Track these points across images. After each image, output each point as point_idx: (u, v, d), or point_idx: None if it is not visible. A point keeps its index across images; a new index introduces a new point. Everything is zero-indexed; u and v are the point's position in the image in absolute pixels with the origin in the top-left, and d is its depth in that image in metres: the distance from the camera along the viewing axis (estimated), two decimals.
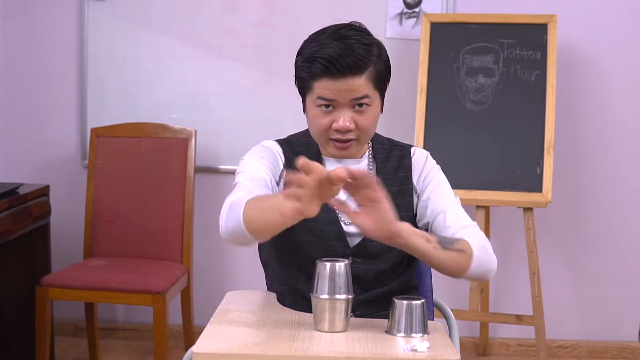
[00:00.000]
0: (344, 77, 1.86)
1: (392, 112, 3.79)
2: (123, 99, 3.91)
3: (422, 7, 3.78)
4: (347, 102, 1.89)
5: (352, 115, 1.91)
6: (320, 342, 1.67)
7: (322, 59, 1.86)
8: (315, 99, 1.90)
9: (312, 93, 1.91)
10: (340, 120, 1.90)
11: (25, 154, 3.98)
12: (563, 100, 3.74)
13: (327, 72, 1.86)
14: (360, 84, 1.88)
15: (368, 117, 1.92)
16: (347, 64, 1.85)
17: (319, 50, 1.87)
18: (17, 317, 3.54)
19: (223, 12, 3.86)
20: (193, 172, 3.65)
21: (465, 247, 1.84)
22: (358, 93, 1.89)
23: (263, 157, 1.99)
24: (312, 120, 1.94)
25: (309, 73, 1.89)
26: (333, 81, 1.87)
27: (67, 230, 3.90)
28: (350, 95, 1.88)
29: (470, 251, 1.84)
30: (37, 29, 3.93)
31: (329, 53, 1.85)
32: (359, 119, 1.91)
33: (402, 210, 2.00)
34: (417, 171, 2.04)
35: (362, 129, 1.92)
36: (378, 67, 1.90)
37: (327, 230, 1.95)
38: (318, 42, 1.89)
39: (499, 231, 3.88)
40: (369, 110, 1.92)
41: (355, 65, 1.86)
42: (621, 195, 3.87)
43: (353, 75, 1.87)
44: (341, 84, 1.87)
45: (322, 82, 1.88)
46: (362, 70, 1.87)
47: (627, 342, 3.94)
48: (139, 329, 4.01)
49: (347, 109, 1.90)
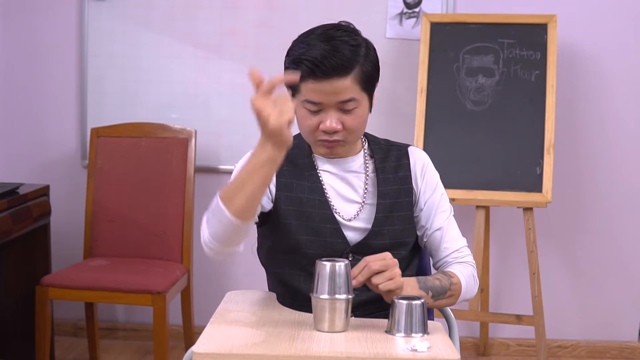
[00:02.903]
0: (328, 78, 1.86)
1: (392, 112, 3.80)
2: (123, 99, 3.91)
3: (422, 7, 3.78)
4: (333, 104, 1.89)
5: (339, 116, 1.91)
6: (320, 342, 1.67)
7: (307, 60, 1.86)
8: (303, 102, 1.91)
9: (300, 95, 1.91)
10: (327, 122, 1.90)
11: (25, 154, 3.98)
12: (563, 100, 3.74)
13: (312, 74, 1.86)
14: (346, 86, 1.88)
15: (355, 118, 1.92)
16: (331, 66, 1.85)
17: (305, 52, 1.87)
18: (17, 317, 3.54)
19: (223, 12, 3.86)
20: (193, 172, 3.65)
21: (455, 289, 1.94)
22: (344, 96, 1.89)
23: None
24: (300, 121, 1.95)
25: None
26: (318, 83, 1.87)
27: (67, 230, 3.90)
28: (335, 97, 1.88)
29: (458, 292, 1.95)
30: (37, 29, 3.93)
31: (314, 55, 1.86)
32: (346, 120, 1.91)
33: (402, 210, 2.01)
34: (416, 173, 2.05)
35: (349, 130, 1.93)
36: (365, 68, 1.90)
37: (324, 227, 1.96)
38: (305, 44, 1.89)
39: (499, 231, 3.88)
40: (356, 111, 1.92)
41: (339, 67, 1.86)
42: (621, 195, 3.87)
43: (338, 77, 1.87)
44: (326, 85, 1.87)
45: (308, 85, 1.88)
46: (348, 71, 1.87)
47: (627, 342, 3.94)
48: (139, 329, 4.01)
49: (334, 111, 1.90)
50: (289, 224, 1.96)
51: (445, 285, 1.93)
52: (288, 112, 1.68)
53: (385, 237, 1.97)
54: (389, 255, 1.80)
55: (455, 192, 3.48)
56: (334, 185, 2.00)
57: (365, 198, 2.00)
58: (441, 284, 1.92)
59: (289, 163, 2.00)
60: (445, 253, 2.03)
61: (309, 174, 2.00)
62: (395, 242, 1.98)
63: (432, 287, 1.90)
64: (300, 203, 1.97)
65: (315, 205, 1.97)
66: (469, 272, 2.01)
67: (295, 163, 2.01)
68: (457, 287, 1.95)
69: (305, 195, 1.97)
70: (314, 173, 2.00)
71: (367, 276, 1.77)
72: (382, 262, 1.78)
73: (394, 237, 1.98)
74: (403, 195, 2.02)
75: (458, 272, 1.98)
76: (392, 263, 1.79)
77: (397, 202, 2.01)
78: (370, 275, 1.77)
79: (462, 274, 1.98)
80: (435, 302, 1.92)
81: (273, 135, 1.69)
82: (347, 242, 1.97)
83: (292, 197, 1.97)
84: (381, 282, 1.77)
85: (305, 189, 1.98)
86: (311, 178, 1.99)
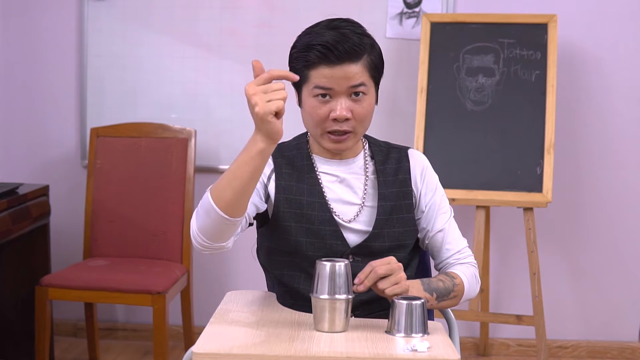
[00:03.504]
0: (340, 63, 1.88)
1: (392, 112, 3.80)
2: (123, 99, 3.91)
3: (422, 7, 3.78)
4: (344, 89, 1.90)
5: (349, 104, 1.91)
6: (320, 342, 1.67)
7: (318, 45, 1.87)
8: (312, 89, 1.91)
9: (309, 83, 1.91)
10: (338, 109, 1.90)
11: (25, 153, 3.98)
12: (563, 100, 3.74)
13: (324, 58, 1.87)
14: (356, 71, 1.89)
15: (365, 106, 1.93)
16: (344, 50, 1.87)
17: (314, 39, 1.89)
18: (17, 318, 3.54)
19: (223, 12, 3.86)
20: (193, 172, 3.65)
21: (458, 290, 1.97)
22: (355, 80, 1.90)
23: None
24: (309, 111, 1.94)
25: (305, 62, 1.90)
26: (330, 68, 1.88)
27: (67, 230, 3.90)
28: (347, 82, 1.89)
29: (461, 293, 1.98)
30: (37, 29, 3.92)
31: (325, 40, 1.87)
32: (355, 108, 1.92)
33: (402, 212, 2.01)
34: (416, 175, 2.05)
35: (358, 119, 1.93)
36: (373, 56, 1.92)
37: (323, 229, 1.96)
38: (313, 33, 1.91)
39: (499, 231, 3.88)
40: (365, 99, 1.93)
41: (351, 51, 1.88)
42: (621, 195, 3.87)
43: (350, 61, 1.88)
44: (338, 70, 1.88)
45: (319, 70, 1.89)
46: (359, 57, 1.89)
47: (628, 342, 3.94)
48: (138, 329, 4.01)
49: (344, 98, 1.91)
50: (289, 226, 1.96)
51: (449, 286, 1.95)
52: (277, 101, 1.70)
53: (385, 240, 1.97)
54: (393, 260, 1.82)
55: (455, 192, 3.48)
56: (333, 187, 2.00)
57: (365, 200, 2.00)
58: (445, 285, 1.94)
59: (288, 165, 2.00)
60: (447, 255, 2.05)
61: (308, 176, 2.00)
62: (395, 244, 1.98)
63: (436, 289, 1.93)
64: (299, 205, 1.97)
65: (315, 207, 1.97)
66: (471, 272, 2.03)
67: (294, 165, 2.01)
68: (460, 288, 1.98)
69: (305, 198, 1.97)
70: (313, 175, 2.00)
71: (373, 281, 1.78)
72: (388, 266, 1.80)
73: (394, 240, 1.98)
74: (403, 198, 2.02)
75: (460, 273, 2.00)
76: (397, 267, 1.81)
77: (397, 205, 2.01)
78: (377, 279, 1.78)
79: (464, 275, 2.00)
80: (440, 304, 1.94)
81: (260, 122, 1.71)
82: (347, 243, 1.97)
83: (292, 200, 1.97)
84: (387, 286, 1.78)
85: (305, 191, 1.98)
86: (310, 180, 1.99)
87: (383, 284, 1.79)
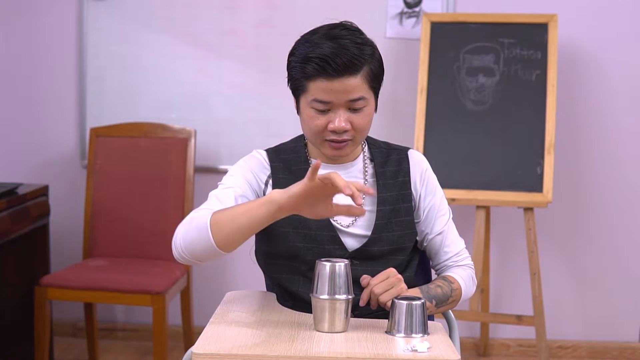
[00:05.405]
0: (339, 77, 1.85)
1: (392, 112, 3.79)
2: (123, 99, 3.91)
3: (422, 6, 3.77)
4: (342, 102, 1.88)
5: (348, 115, 1.89)
6: (320, 342, 1.67)
7: (316, 58, 1.84)
8: (311, 101, 1.89)
9: (307, 94, 1.89)
10: (336, 121, 1.88)
11: (25, 153, 3.98)
12: (563, 100, 3.74)
13: (322, 71, 1.84)
14: (355, 85, 1.86)
15: (364, 117, 1.91)
16: (342, 63, 1.83)
17: (312, 50, 1.85)
18: (16, 318, 3.54)
19: (223, 12, 3.85)
20: (193, 172, 3.65)
21: (456, 294, 2.00)
22: (354, 94, 1.87)
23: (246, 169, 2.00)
24: (306, 121, 1.92)
25: (303, 73, 1.87)
26: (328, 82, 1.85)
27: (67, 231, 3.90)
28: (346, 96, 1.87)
29: (459, 296, 2.01)
30: (37, 29, 3.92)
31: (323, 52, 1.84)
32: (354, 119, 1.90)
33: (401, 216, 2.00)
34: (416, 177, 2.04)
35: (357, 130, 1.91)
36: (372, 66, 1.89)
37: (321, 235, 1.95)
38: (311, 43, 1.87)
39: (499, 231, 3.88)
40: (364, 110, 1.91)
41: (350, 64, 1.84)
42: (622, 195, 3.87)
43: (348, 75, 1.85)
44: (337, 84, 1.85)
45: (317, 83, 1.86)
46: (358, 69, 1.86)
47: (628, 342, 3.94)
48: (138, 329, 4.01)
49: (343, 110, 1.89)
50: (286, 232, 1.95)
51: (447, 292, 1.97)
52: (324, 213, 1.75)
53: (384, 244, 1.97)
54: (392, 272, 1.84)
55: (455, 192, 3.48)
56: None
57: (364, 204, 1.98)
58: (443, 291, 1.96)
59: (285, 169, 1.99)
60: (445, 257, 2.05)
61: None
62: (393, 248, 1.98)
63: (435, 296, 1.94)
64: None
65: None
66: (468, 274, 2.05)
67: (291, 170, 1.99)
68: (458, 292, 2.00)
69: None
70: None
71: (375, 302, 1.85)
72: (386, 282, 1.83)
73: (393, 243, 1.97)
74: (402, 201, 2.01)
75: (458, 277, 2.02)
76: (395, 280, 1.83)
77: (397, 209, 2.00)
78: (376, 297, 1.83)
79: (461, 278, 2.02)
80: (438, 309, 1.97)
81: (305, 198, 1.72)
82: (345, 248, 1.96)
83: None
84: (388, 299, 1.81)
85: None
86: None
87: (384, 297, 1.82)
